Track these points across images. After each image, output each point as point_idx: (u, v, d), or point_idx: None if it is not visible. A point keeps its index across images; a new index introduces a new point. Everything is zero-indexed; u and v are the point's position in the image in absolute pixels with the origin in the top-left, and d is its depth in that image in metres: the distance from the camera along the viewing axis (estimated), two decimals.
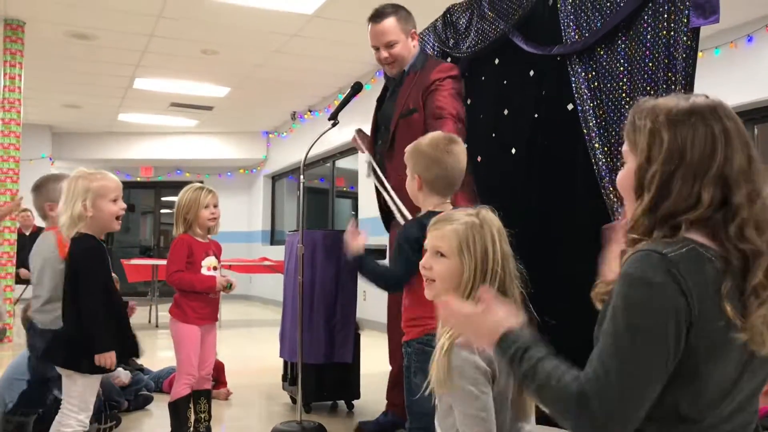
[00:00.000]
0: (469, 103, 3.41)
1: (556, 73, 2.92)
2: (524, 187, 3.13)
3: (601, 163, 2.60)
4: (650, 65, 2.48)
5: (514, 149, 3.24)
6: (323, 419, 3.59)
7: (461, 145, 2.32)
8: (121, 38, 6.76)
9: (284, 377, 4.14)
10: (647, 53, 2.49)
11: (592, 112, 2.67)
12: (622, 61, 2.60)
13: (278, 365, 4.24)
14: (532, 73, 3.13)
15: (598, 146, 2.62)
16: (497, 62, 3.40)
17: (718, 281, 1.10)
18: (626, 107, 2.55)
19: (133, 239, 14.13)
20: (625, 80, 2.59)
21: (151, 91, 8.81)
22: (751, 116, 5.42)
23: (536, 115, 3.09)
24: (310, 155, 3.47)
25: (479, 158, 3.39)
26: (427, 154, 2.25)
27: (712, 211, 1.13)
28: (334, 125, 3.35)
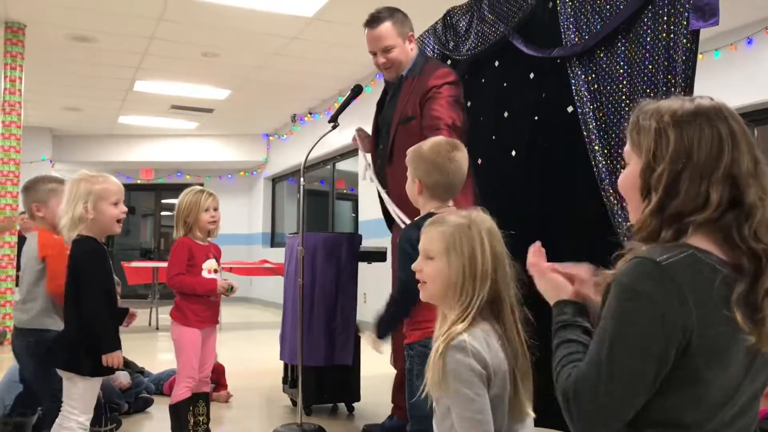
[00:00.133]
0: (469, 105, 3.41)
1: (556, 75, 2.92)
2: (524, 189, 3.13)
3: (600, 165, 2.60)
4: (650, 67, 2.48)
5: (514, 151, 3.24)
6: (323, 422, 3.58)
7: (463, 151, 2.31)
8: (121, 41, 6.76)
9: (284, 380, 4.13)
10: (647, 55, 2.49)
11: (591, 114, 2.67)
12: (621, 63, 2.60)
13: (278, 368, 4.23)
14: (532, 75, 3.14)
15: (597, 148, 2.62)
16: (497, 65, 3.40)
17: (721, 287, 1.09)
18: (626, 110, 2.55)
19: (133, 242, 14.13)
20: (624, 83, 2.59)
21: (151, 93, 8.81)
22: (751, 118, 5.42)
23: (536, 117, 3.09)
24: (310, 158, 3.47)
25: (480, 160, 3.39)
26: (428, 159, 2.24)
27: (721, 211, 1.13)
28: (334, 128, 3.35)
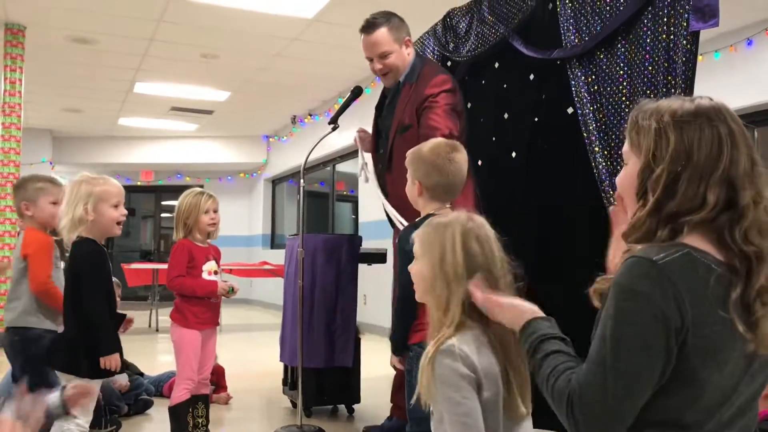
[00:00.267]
0: (469, 106, 3.41)
1: (556, 76, 2.92)
2: (525, 190, 3.13)
3: (601, 166, 2.60)
4: (650, 69, 2.48)
5: (514, 153, 3.24)
6: (323, 423, 3.58)
7: (463, 152, 2.32)
8: (121, 42, 6.76)
9: (284, 381, 4.13)
10: (647, 57, 2.49)
11: (592, 115, 2.67)
12: (621, 64, 2.60)
13: (278, 369, 4.23)
14: (532, 76, 3.14)
15: (598, 150, 2.62)
16: (497, 66, 3.40)
17: (716, 286, 1.09)
18: (626, 111, 2.55)
19: (133, 243, 14.13)
20: (624, 84, 2.59)
21: (151, 95, 8.81)
22: (751, 119, 5.42)
23: (536, 118, 3.09)
24: (310, 159, 3.47)
25: (480, 162, 3.39)
26: (428, 160, 2.25)
27: (716, 212, 1.13)
28: (334, 129, 3.35)
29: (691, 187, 1.13)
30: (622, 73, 2.60)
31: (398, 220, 2.82)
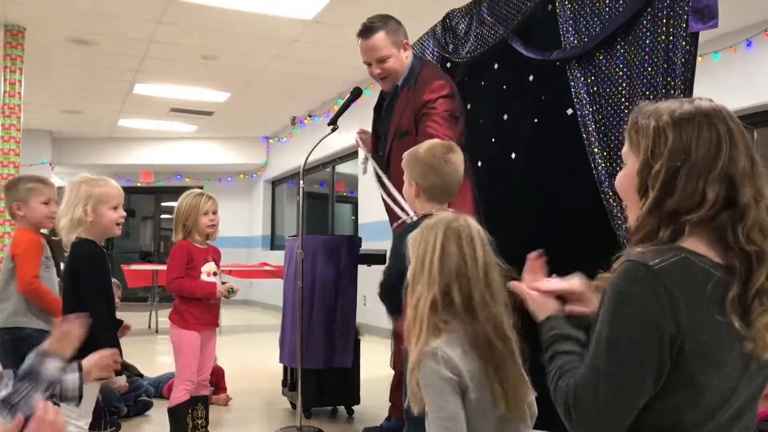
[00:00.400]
0: (468, 108, 3.41)
1: (555, 78, 2.92)
2: (524, 191, 3.12)
3: (600, 167, 2.60)
4: (649, 70, 2.48)
5: (513, 154, 3.24)
6: (323, 425, 3.58)
7: (459, 153, 2.32)
8: (121, 44, 6.77)
9: (284, 382, 4.13)
10: (646, 58, 2.49)
11: (591, 116, 2.67)
12: (621, 65, 2.60)
13: (278, 370, 4.23)
14: (531, 78, 3.14)
15: (597, 151, 2.62)
16: (496, 67, 3.40)
17: (714, 290, 1.09)
18: (625, 112, 2.55)
19: (133, 244, 14.12)
20: (624, 85, 2.59)
21: (151, 96, 8.81)
22: (750, 121, 5.42)
23: (536, 120, 3.09)
24: (309, 160, 3.48)
25: (479, 163, 3.39)
26: (424, 161, 2.26)
27: (716, 210, 1.13)
28: (333, 130, 3.35)
29: (689, 183, 1.13)
30: (621, 74, 2.60)
31: (401, 205, 2.76)
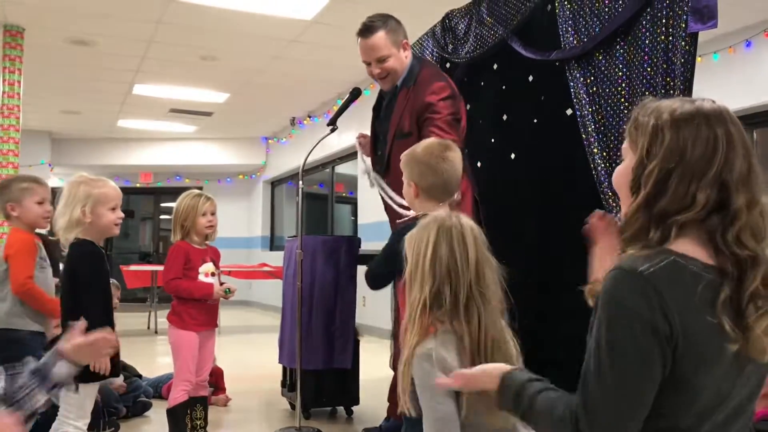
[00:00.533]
0: (468, 108, 3.41)
1: (554, 78, 2.92)
2: (524, 191, 3.13)
3: (600, 167, 2.59)
4: (649, 70, 2.48)
5: (513, 154, 3.24)
6: (322, 425, 3.58)
7: (456, 151, 2.32)
8: (120, 44, 6.76)
9: (283, 383, 4.12)
10: (646, 58, 2.49)
11: (590, 117, 2.67)
12: (620, 66, 2.60)
13: (277, 371, 4.23)
14: (531, 78, 3.14)
15: (596, 151, 2.62)
16: (496, 67, 3.40)
17: (704, 292, 1.09)
18: (625, 112, 2.55)
19: (132, 245, 14.12)
20: (623, 85, 2.59)
21: (150, 97, 8.80)
22: (749, 121, 5.42)
23: (535, 120, 3.09)
24: (309, 161, 3.47)
25: (479, 163, 3.39)
26: (421, 161, 2.26)
27: (706, 212, 1.12)
28: (333, 131, 3.35)
29: (681, 185, 1.13)
30: (620, 74, 2.60)
31: (401, 204, 2.74)
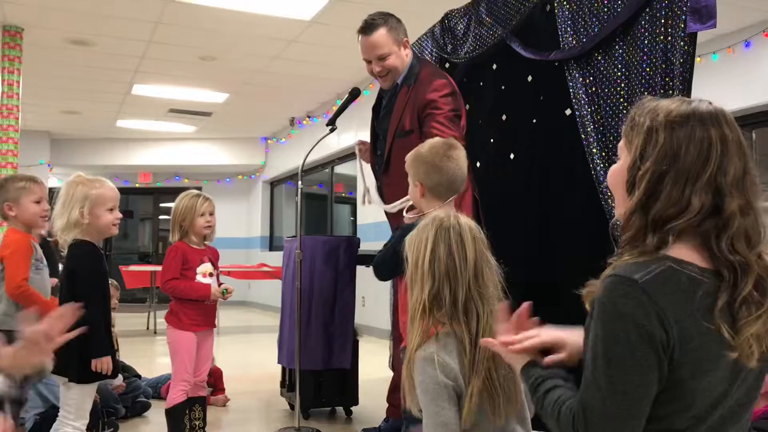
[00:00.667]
0: (467, 108, 3.41)
1: (554, 78, 2.92)
2: (523, 192, 3.13)
3: (599, 167, 2.60)
4: (648, 70, 2.48)
5: (512, 154, 3.24)
6: (321, 426, 3.58)
7: (461, 149, 2.32)
8: (119, 44, 6.76)
9: (282, 383, 4.12)
10: (645, 58, 2.49)
11: (589, 117, 2.67)
12: (619, 66, 2.60)
13: (276, 371, 4.23)
14: (530, 78, 3.14)
15: (595, 151, 2.62)
16: (495, 68, 3.40)
17: (702, 298, 1.09)
18: (624, 112, 2.55)
19: (131, 245, 14.12)
20: (622, 85, 2.59)
21: (149, 97, 8.80)
22: (749, 121, 5.43)
23: (534, 120, 3.09)
24: (308, 161, 3.47)
25: (478, 164, 3.39)
26: (427, 160, 2.26)
27: (702, 218, 1.12)
28: (332, 131, 3.35)
29: (675, 188, 1.12)
30: (619, 74, 2.60)
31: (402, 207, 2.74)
